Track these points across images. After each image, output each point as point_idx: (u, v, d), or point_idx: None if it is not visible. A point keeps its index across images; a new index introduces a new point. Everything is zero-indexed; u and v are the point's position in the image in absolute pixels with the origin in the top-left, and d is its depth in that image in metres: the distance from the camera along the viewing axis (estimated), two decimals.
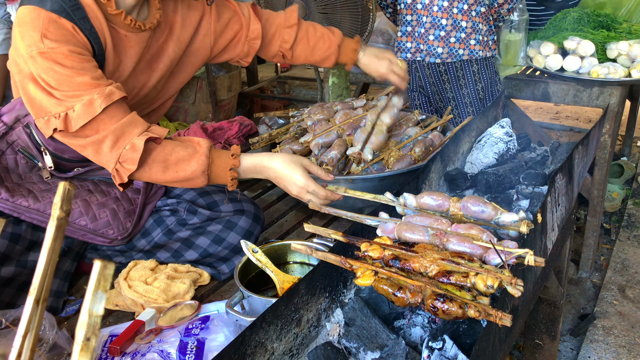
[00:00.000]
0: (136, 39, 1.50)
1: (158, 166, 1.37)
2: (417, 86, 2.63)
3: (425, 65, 2.51)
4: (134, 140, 1.32)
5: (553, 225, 1.50)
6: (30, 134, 1.55)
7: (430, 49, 2.45)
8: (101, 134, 1.32)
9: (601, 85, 2.59)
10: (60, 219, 0.53)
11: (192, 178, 1.40)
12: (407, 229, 1.21)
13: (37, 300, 0.52)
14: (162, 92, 1.70)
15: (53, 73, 1.29)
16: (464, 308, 1.00)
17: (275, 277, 1.40)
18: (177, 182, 1.42)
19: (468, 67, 2.47)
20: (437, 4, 2.39)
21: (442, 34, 2.42)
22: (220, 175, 1.43)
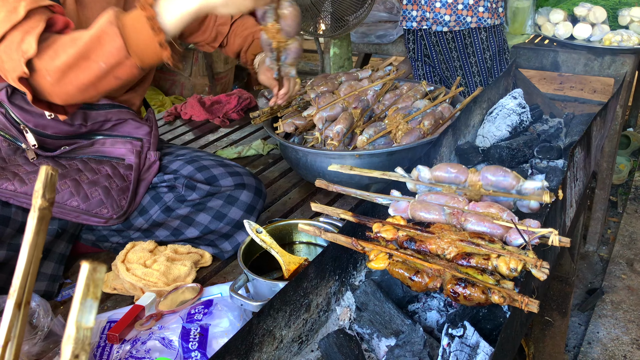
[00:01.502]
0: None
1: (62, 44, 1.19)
2: (422, 55, 2.53)
3: (432, 33, 2.41)
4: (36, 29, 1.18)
5: (571, 201, 1.43)
6: (6, 114, 1.45)
7: (437, 17, 2.35)
8: (14, 34, 1.18)
9: (613, 54, 2.49)
10: (42, 209, 0.46)
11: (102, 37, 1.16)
12: (421, 207, 1.14)
13: (18, 303, 0.45)
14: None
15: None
16: (487, 293, 0.93)
17: (281, 258, 1.33)
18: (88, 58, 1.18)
19: (476, 35, 2.37)
20: None
21: (450, 0, 2.32)
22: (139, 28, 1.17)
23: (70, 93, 1.23)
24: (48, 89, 1.22)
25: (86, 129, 1.53)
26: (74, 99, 1.26)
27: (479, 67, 2.44)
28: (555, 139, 1.77)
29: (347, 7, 2.45)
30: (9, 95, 1.44)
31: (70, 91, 1.22)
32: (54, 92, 1.23)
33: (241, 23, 1.83)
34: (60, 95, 1.23)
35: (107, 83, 1.23)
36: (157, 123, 1.68)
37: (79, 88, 1.22)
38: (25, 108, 1.45)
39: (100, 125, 1.56)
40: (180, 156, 1.67)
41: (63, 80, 1.20)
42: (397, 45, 3.05)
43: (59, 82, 1.20)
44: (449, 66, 2.48)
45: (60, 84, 1.20)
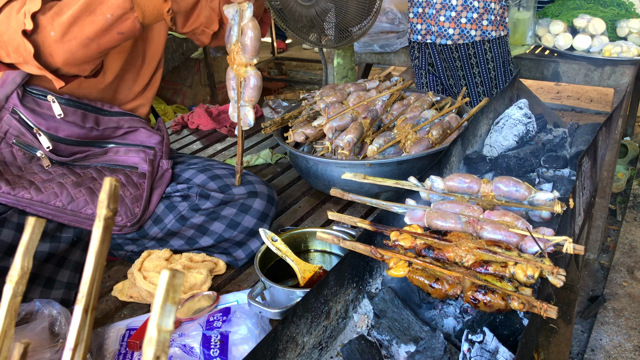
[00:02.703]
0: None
1: (68, 3, 1.21)
2: (427, 64, 2.57)
3: (438, 47, 2.45)
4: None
5: (579, 210, 1.46)
6: (20, 119, 1.48)
7: (441, 30, 2.39)
8: (11, 4, 1.20)
9: (613, 65, 2.54)
10: (107, 218, 0.48)
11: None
12: (438, 216, 1.17)
13: (85, 309, 0.47)
14: (134, 55, 1.62)
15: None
16: (507, 300, 0.96)
17: (296, 266, 1.35)
18: (98, 15, 1.21)
19: (480, 47, 2.41)
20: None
21: (453, 14, 2.36)
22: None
23: (72, 49, 1.24)
24: (50, 46, 1.22)
25: (98, 132, 1.55)
26: (75, 57, 1.26)
27: (482, 77, 2.48)
28: (561, 148, 1.80)
29: (352, 19, 2.49)
30: (21, 98, 1.46)
31: (72, 47, 1.23)
32: (56, 49, 1.23)
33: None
34: (61, 53, 1.24)
35: (109, 38, 1.25)
36: (167, 132, 1.70)
37: (82, 42, 1.23)
38: (37, 110, 1.48)
39: (112, 132, 1.58)
40: (192, 165, 1.69)
41: (67, 35, 1.21)
42: (400, 56, 3.10)
43: (62, 37, 1.21)
44: (453, 75, 2.52)
45: (64, 38, 1.21)
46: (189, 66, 4.28)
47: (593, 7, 2.86)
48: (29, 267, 0.49)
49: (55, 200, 1.45)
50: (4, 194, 1.40)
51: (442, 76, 2.57)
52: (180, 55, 4.19)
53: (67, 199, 1.46)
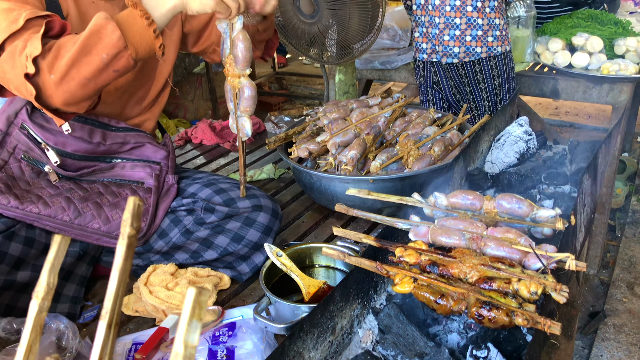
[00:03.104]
0: (106, 7, 1.50)
1: (64, 44, 1.25)
2: (432, 82, 2.60)
3: (444, 66, 2.48)
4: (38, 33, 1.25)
5: (581, 227, 1.48)
6: (28, 134, 1.50)
7: (447, 50, 2.42)
8: (14, 44, 1.25)
9: (611, 82, 2.58)
10: (130, 236, 0.50)
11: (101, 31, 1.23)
12: (442, 232, 1.19)
13: (109, 324, 0.48)
14: (145, 73, 1.65)
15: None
16: (511, 316, 0.97)
17: (301, 281, 1.37)
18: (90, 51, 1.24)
19: (486, 63, 2.44)
20: (450, 4, 2.36)
21: (457, 33, 2.39)
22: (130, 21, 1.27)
23: (71, 90, 1.27)
24: (50, 89, 1.26)
25: (105, 147, 1.58)
26: (74, 97, 1.29)
27: (488, 93, 2.50)
28: (561, 165, 1.82)
29: (353, 36, 2.52)
30: (30, 113, 1.49)
31: (71, 88, 1.27)
32: (56, 92, 1.26)
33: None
34: (60, 94, 1.27)
35: (106, 77, 1.28)
36: (173, 147, 1.72)
37: (80, 83, 1.26)
38: (45, 126, 1.50)
39: (119, 147, 1.60)
40: (197, 179, 1.71)
41: (66, 77, 1.25)
42: (400, 72, 3.13)
43: (62, 80, 1.25)
44: (460, 91, 2.55)
45: (63, 81, 1.25)
46: (191, 81, 4.32)
47: (591, 25, 2.91)
48: (55, 283, 0.50)
49: (62, 215, 1.47)
50: (12, 208, 1.41)
51: (448, 93, 2.60)
52: (183, 70, 4.23)
53: (74, 213, 1.47)
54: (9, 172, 1.49)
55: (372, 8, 2.48)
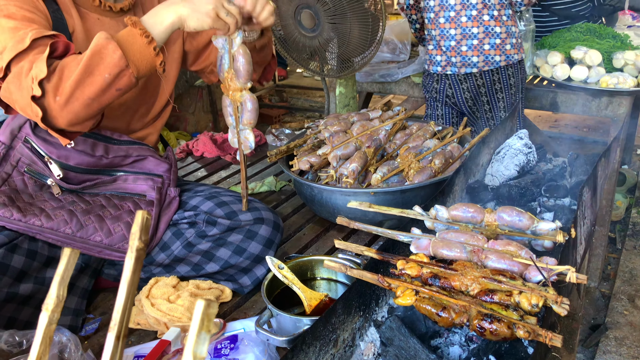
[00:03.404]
0: (111, 23, 1.52)
1: (68, 65, 1.27)
2: (444, 96, 2.61)
3: (461, 76, 2.49)
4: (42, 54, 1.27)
5: (581, 239, 1.49)
6: (32, 148, 1.52)
7: (465, 60, 2.44)
8: (20, 64, 1.27)
9: (610, 95, 2.60)
10: (139, 250, 0.50)
11: (102, 51, 1.25)
12: (443, 245, 1.19)
13: (117, 336, 0.49)
14: (149, 90, 1.67)
15: (1, 31, 1.29)
16: (513, 328, 0.97)
17: (302, 294, 1.37)
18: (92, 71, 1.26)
19: (504, 72, 2.47)
20: (466, 14, 2.38)
21: (475, 42, 2.41)
22: (131, 39, 1.29)
23: (75, 111, 1.29)
24: (55, 110, 1.28)
25: (107, 160, 1.59)
26: (78, 117, 1.31)
27: (505, 102, 2.52)
28: (561, 178, 1.83)
29: (354, 49, 2.55)
30: (33, 127, 1.50)
31: (75, 109, 1.28)
32: (61, 113, 1.28)
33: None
34: (66, 116, 1.29)
35: (109, 96, 1.30)
36: (176, 160, 1.73)
37: (84, 103, 1.28)
38: (48, 140, 1.52)
39: (121, 160, 1.61)
40: (199, 192, 1.72)
41: (71, 99, 1.27)
42: (400, 85, 3.16)
43: (67, 101, 1.27)
44: (476, 101, 2.55)
45: (68, 102, 1.27)
46: (191, 93, 4.34)
47: (589, 39, 2.94)
48: (64, 296, 0.51)
49: (65, 228, 1.47)
50: (15, 220, 1.42)
51: (463, 105, 2.60)
52: (184, 83, 4.25)
53: (77, 226, 1.48)
54: (12, 185, 1.50)
55: (373, 22, 2.51)
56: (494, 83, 2.48)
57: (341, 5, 2.38)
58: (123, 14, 1.57)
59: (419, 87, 3.11)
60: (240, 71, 1.51)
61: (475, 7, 2.38)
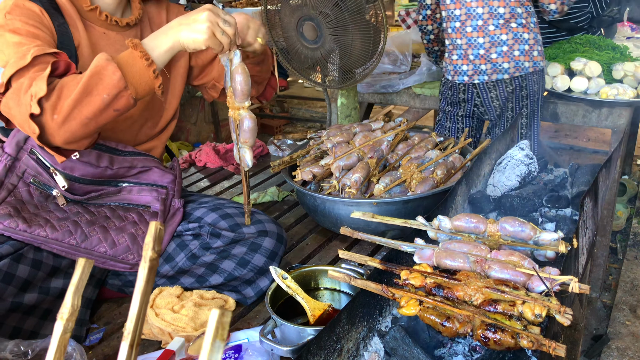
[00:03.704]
0: (117, 37, 1.54)
1: (67, 84, 1.28)
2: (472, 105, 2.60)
3: (491, 84, 2.51)
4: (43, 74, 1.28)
5: (583, 250, 1.49)
6: (37, 159, 1.53)
7: (496, 67, 2.46)
8: (20, 80, 1.28)
9: (610, 106, 2.61)
10: (152, 260, 0.51)
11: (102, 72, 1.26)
12: (446, 255, 1.20)
13: (131, 345, 0.50)
14: (155, 105, 1.69)
15: (5, 45, 1.32)
16: (516, 338, 0.98)
17: (306, 304, 1.38)
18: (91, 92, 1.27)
19: (531, 78, 2.49)
20: (493, 23, 2.41)
21: (505, 49, 2.44)
22: (130, 61, 1.30)
23: (72, 130, 1.30)
24: (53, 129, 1.29)
25: (112, 172, 1.60)
26: (75, 136, 1.32)
27: (528, 109, 2.54)
28: (562, 188, 1.85)
29: (355, 60, 2.57)
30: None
31: (73, 127, 1.29)
32: (58, 131, 1.29)
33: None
34: (62, 134, 1.30)
35: (106, 116, 1.31)
36: (181, 171, 1.75)
37: (81, 122, 1.29)
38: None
39: (126, 171, 1.63)
40: (203, 204, 1.73)
41: (68, 117, 1.28)
42: (401, 96, 3.18)
43: (64, 120, 1.28)
44: (503, 109, 2.56)
45: (65, 121, 1.28)
46: (193, 104, 4.36)
47: (589, 50, 2.96)
48: (79, 305, 0.52)
49: (69, 239, 1.48)
50: (20, 231, 1.43)
51: (492, 114, 2.59)
52: (186, 94, 4.28)
53: (81, 237, 1.49)
54: (18, 196, 1.51)
55: (374, 33, 2.53)
56: (522, 89, 2.50)
57: (343, 17, 2.41)
58: (129, 28, 1.59)
59: (420, 98, 3.13)
60: (237, 90, 1.51)
61: (503, 17, 2.41)
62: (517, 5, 2.41)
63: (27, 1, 1.40)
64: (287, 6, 2.45)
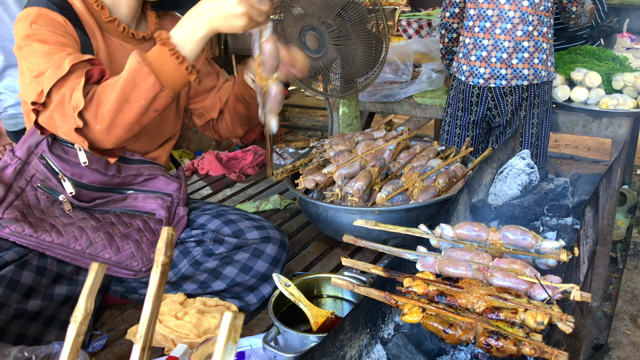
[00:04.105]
0: (132, 49, 1.53)
1: (104, 95, 1.29)
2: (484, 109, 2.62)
3: (507, 89, 2.53)
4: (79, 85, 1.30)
5: (584, 258, 1.50)
6: (47, 164, 1.54)
7: (516, 72, 2.48)
8: (62, 91, 1.31)
9: (610, 116, 2.63)
10: (164, 264, 0.53)
11: (136, 78, 1.27)
12: (449, 263, 1.21)
13: (143, 348, 0.51)
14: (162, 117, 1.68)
15: (34, 55, 1.33)
16: (519, 345, 0.99)
17: (309, 311, 1.38)
18: (128, 98, 1.29)
19: (544, 87, 2.53)
20: (522, 29, 2.45)
21: (526, 55, 2.47)
22: (161, 58, 1.30)
23: (119, 135, 1.33)
24: (99, 137, 1.32)
25: (119, 179, 1.61)
26: (122, 140, 1.36)
27: (538, 118, 2.56)
28: (563, 197, 1.86)
29: (357, 70, 2.59)
30: (50, 145, 1.53)
31: (118, 133, 1.33)
32: (106, 138, 1.33)
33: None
34: (110, 140, 1.34)
35: (148, 117, 1.33)
36: (186, 180, 1.76)
37: (125, 128, 1.32)
38: (64, 157, 1.54)
39: (133, 179, 1.64)
40: (206, 211, 1.74)
41: (111, 125, 1.31)
42: (403, 105, 3.20)
43: (108, 128, 1.31)
44: (514, 116, 2.58)
45: (109, 129, 1.31)
46: None
47: (588, 61, 2.98)
48: (92, 309, 0.53)
49: (75, 244, 1.49)
50: (26, 236, 1.44)
51: (503, 119, 2.61)
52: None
53: (87, 243, 1.50)
54: (25, 200, 1.53)
55: (376, 43, 2.55)
56: (535, 97, 2.53)
57: (345, 27, 2.43)
58: (144, 41, 1.61)
59: (421, 107, 3.15)
60: (266, 63, 1.47)
61: (532, 24, 2.45)
62: (543, 14, 2.45)
63: (51, 11, 1.41)
64: (290, 16, 2.47)
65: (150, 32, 1.62)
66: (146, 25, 1.65)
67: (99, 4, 1.49)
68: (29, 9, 1.41)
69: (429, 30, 3.79)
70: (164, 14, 1.71)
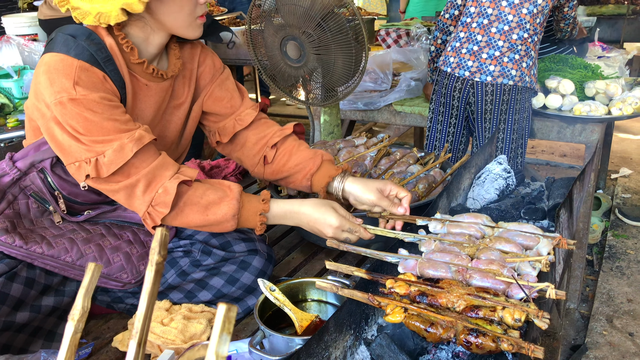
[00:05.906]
0: (156, 89, 1.54)
1: (190, 209, 1.41)
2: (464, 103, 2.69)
3: (490, 87, 2.59)
4: (166, 183, 1.35)
5: (559, 259, 1.56)
6: (45, 179, 1.55)
7: (504, 71, 2.54)
8: (133, 178, 1.36)
9: (583, 122, 2.71)
10: (158, 263, 0.55)
11: (222, 222, 1.44)
12: (429, 265, 1.25)
13: (139, 343, 0.54)
14: (166, 145, 1.69)
15: (83, 120, 1.32)
16: (497, 342, 1.03)
17: (294, 315, 1.41)
18: (207, 226, 1.45)
19: (525, 93, 2.61)
20: (518, 34, 2.53)
21: (517, 57, 2.54)
22: (250, 220, 1.48)
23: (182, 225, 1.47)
24: (167, 222, 1.44)
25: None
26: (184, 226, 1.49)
27: (518, 124, 2.63)
28: (539, 201, 1.91)
29: (338, 79, 2.63)
30: (52, 164, 1.54)
31: (183, 225, 1.47)
32: (172, 223, 1.45)
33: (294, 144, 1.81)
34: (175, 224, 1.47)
35: (206, 229, 1.50)
36: None
37: (189, 226, 1.47)
38: (63, 177, 1.55)
39: None
40: None
41: (181, 225, 1.46)
42: (382, 113, 3.25)
43: (179, 224, 1.46)
44: (493, 117, 2.63)
45: (179, 224, 1.46)
46: None
47: (562, 68, 3.07)
48: (89, 307, 0.55)
49: (65, 256, 1.50)
50: (17, 247, 1.44)
51: (479, 116, 2.67)
52: None
53: (77, 254, 1.51)
54: (16, 208, 1.53)
55: (356, 53, 2.60)
56: (516, 102, 2.59)
57: (325, 37, 2.47)
58: (168, 79, 1.58)
59: (400, 115, 3.20)
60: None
61: (528, 32, 2.54)
62: (537, 25, 2.56)
63: (91, 66, 1.37)
64: (271, 26, 2.51)
65: (177, 69, 1.58)
66: (167, 58, 1.60)
67: (129, 46, 1.44)
68: (67, 58, 1.35)
69: (407, 40, 3.86)
70: (183, 43, 1.65)
